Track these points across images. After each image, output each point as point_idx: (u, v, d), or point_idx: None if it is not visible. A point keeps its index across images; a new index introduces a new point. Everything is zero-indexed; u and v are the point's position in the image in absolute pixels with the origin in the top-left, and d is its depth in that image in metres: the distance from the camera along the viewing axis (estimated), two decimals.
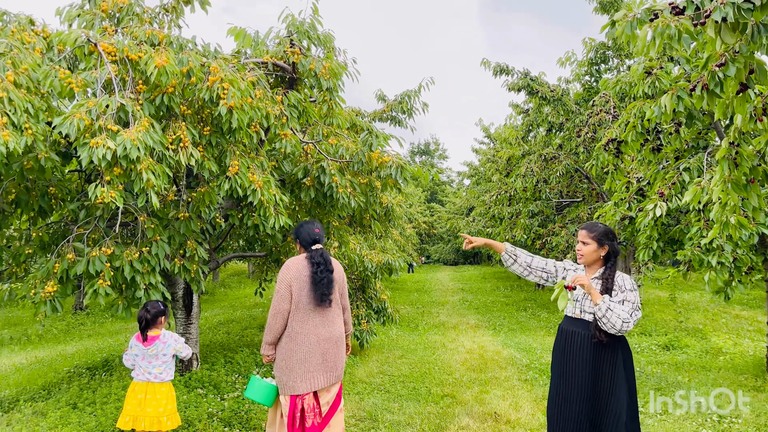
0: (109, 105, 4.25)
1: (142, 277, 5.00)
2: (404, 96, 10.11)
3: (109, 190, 4.17)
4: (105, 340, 11.51)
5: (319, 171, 6.09)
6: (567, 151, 11.82)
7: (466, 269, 33.95)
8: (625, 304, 3.41)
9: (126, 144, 4.06)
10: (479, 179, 24.11)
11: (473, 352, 8.97)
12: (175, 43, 5.23)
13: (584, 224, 3.75)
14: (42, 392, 6.46)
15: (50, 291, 4.80)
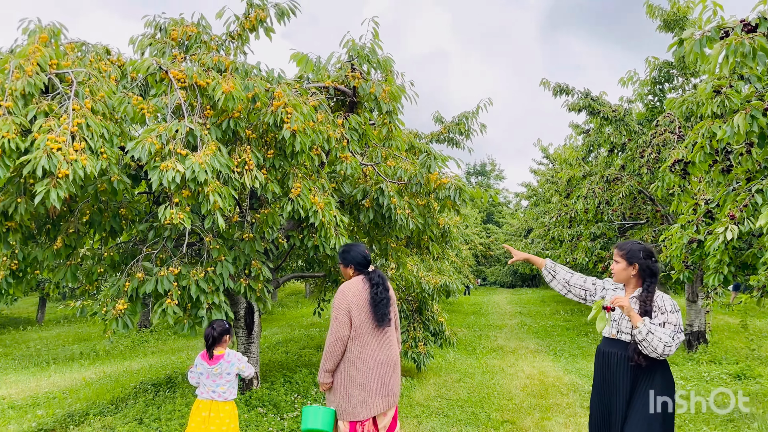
0: (179, 129, 4.41)
1: (207, 297, 5.13)
2: (462, 117, 10.12)
3: (178, 212, 4.31)
4: (168, 357, 11.81)
5: (377, 193, 6.14)
6: (630, 172, 11.51)
7: (524, 292, 33.37)
8: (667, 326, 3.28)
9: (194, 167, 4.20)
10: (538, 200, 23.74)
11: (533, 378, 8.78)
12: (240, 69, 5.40)
13: (618, 243, 3.64)
14: (110, 407, 6.67)
15: (121, 308, 4.97)
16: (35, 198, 3.93)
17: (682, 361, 10.09)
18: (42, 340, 17.10)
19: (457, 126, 10.14)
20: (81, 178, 4.06)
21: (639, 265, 3.47)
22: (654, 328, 3.22)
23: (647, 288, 3.43)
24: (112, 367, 10.84)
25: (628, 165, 11.67)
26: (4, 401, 7.67)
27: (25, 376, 10.50)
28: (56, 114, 4.25)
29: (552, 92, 11.70)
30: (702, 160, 5.87)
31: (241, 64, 5.49)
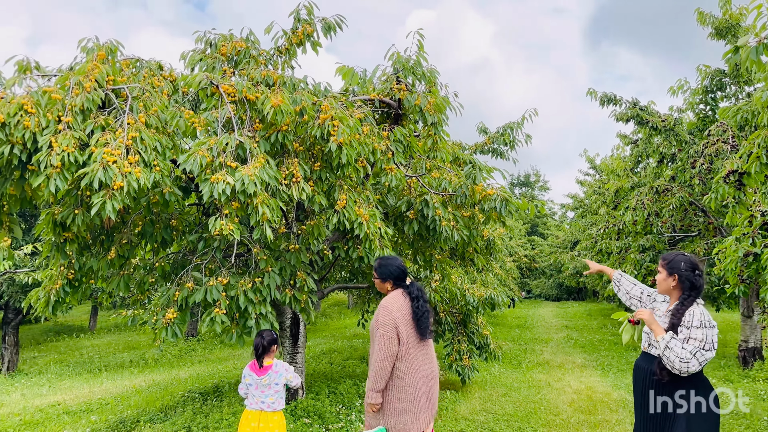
0: (229, 143, 4.51)
1: (254, 307, 5.20)
2: (506, 128, 10.06)
3: (227, 223, 4.40)
4: (215, 366, 12.00)
5: (422, 204, 6.14)
6: (680, 183, 11.24)
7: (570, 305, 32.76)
8: (689, 342, 3.15)
9: (244, 179, 4.28)
10: (584, 212, 23.37)
11: (581, 393, 8.60)
12: (288, 83, 5.49)
13: (664, 253, 3.56)
14: (160, 414, 6.81)
15: (170, 317, 5.08)
16: (92, 209, 4.06)
17: (738, 378, 9.74)
18: (94, 347, 17.60)
19: (502, 137, 10.09)
20: (135, 190, 4.18)
21: (679, 276, 3.37)
22: (673, 343, 3.14)
23: (682, 301, 3.32)
24: (160, 375, 11.07)
25: (678, 176, 11.39)
26: (59, 406, 7.91)
27: (78, 383, 10.83)
28: (112, 128, 4.40)
29: (599, 102, 11.54)
30: (758, 170, 5.70)
31: (289, 78, 5.58)
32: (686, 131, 11.47)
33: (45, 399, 8.76)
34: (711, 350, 3.13)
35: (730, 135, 9.72)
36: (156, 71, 5.56)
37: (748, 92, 11.40)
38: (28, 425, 6.82)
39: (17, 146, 4.06)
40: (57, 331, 21.49)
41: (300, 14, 6.10)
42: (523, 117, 9.55)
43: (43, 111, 4.19)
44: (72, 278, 5.82)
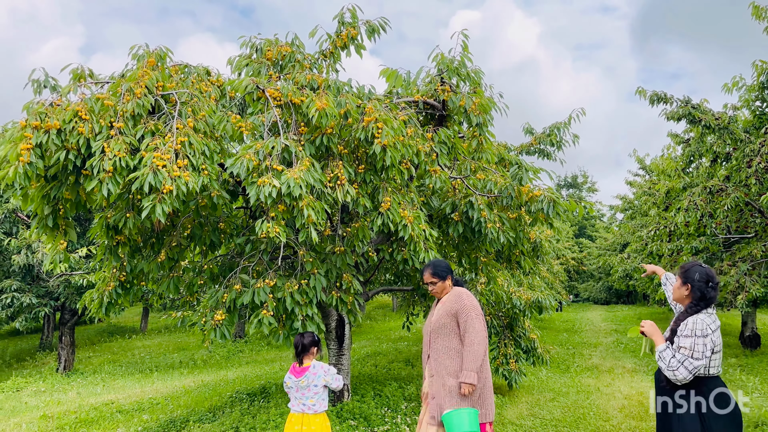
0: (275, 146, 4.55)
1: (301, 309, 5.24)
2: (553, 128, 9.88)
3: (274, 226, 4.44)
4: (262, 367, 12.15)
5: (467, 206, 6.08)
6: (735, 182, 10.84)
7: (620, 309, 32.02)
8: (680, 350, 3.27)
9: (290, 182, 4.32)
10: (634, 213, 22.79)
11: (632, 398, 8.38)
12: (333, 86, 5.52)
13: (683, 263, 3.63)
14: (208, 414, 6.93)
15: (219, 319, 5.16)
16: (142, 213, 4.16)
17: None
18: (145, 348, 18.06)
19: (549, 137, 9.91)
20: (183, 193, 4.26)
21: (692, 286, 3.43)
22: (665, 353, 3.30)
23: (686, 310, 3.40)
24: (209, 376, 11.27)
25: (733, 175, 11.00)
26: (113, 405, 8.13)
27: (131, 382, 11.12)
28: (161, 133, 4.50)
29: (649, 101, 11.24)
30: None
31: (333, 81, 5.61)
32: (741, 129, 11.07)
33: (99, 398, 9.02)
34: (701, 358, 3.19)
35: None
36: (204, 76, 5.66)
37: None
38: (84, 423, 7.03)
39: (72, 152, 4.19)
40: (110, 332, 22.14)
41: (344, 17, 6.13)
42: (570, 117, 9.37)
43: (96, 117, 4.31)
44: (124, 280, 5.98)
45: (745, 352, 13.73)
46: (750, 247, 11.17)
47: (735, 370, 11.11)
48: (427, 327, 4.18)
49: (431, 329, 4.09)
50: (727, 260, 11.49)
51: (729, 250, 12.28)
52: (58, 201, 4.64)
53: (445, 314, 4.02)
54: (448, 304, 4.06)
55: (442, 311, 4.06)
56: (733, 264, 11.10)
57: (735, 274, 10.67)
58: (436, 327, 4.04)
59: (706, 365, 3.25)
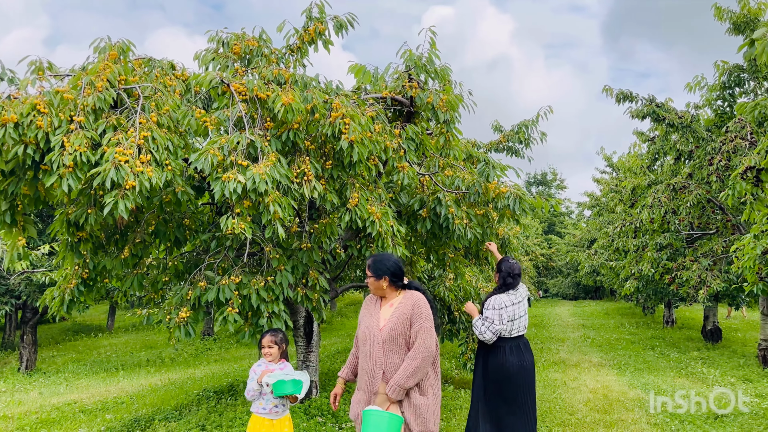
0: (240, 141, 4.50)
1: (267, 305, 5.20)
2: (521, 126, 9.95)
3: (239, 222, 4.39)
4: (230, 365, 12.05)
5: (435, 202, 6.10)
6: (698, 180, 11.08)
7: (587, 304, 32.52)
8: (486, 320, 4.64)
9: (255, 178, 4.28)
10: (601, 210, 23.15)
11: (597, 392, 8.51)
12: (300, 81, 5.48)
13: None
14: (174, 413, 6.84)
15: (183, 317, 5.09)
16: (104, 209, 4.08)
17: (757, 378, 9.60)
18: (111, 346, 17.76)
19: (517, 135, 9.98)
20: (147, 189, 4.19)
21: (499, 275, 4.86)
22: (475, 323, 4.71)
23: (493, 291, 4.85)
24: (176, 374, 11.13)
25: (696, 173, 11.24)
26: (76, 405, 7.98)
27: (95, 381, 10.92)
28: (124, 128, 4.41)
29: (615, 99, 11.42)
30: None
31: (300, 76, 5.57)
32: (704, 128, 11.31)
33: (62, 397, 8.85)
34: (499, 324, 4.61)
35: (749, 131, 9.57)
36: (168, 71, 5.57)
37: (767, 87, 11.22)
38: (45, 423, 6.89)
39: (30, 146, 4.07)
40: (75, 330, 21.72)
41: (312, 12, 6.09)
42: (537, 114, 9.45)
43: (56, 111, 4.20)
44: (86, 277, 5.85)
45: (707, 346, 14.05)
46: (711, 243, 11.43)
47: (697, 363, 11.36)
48: (375, 335, 3.59)
49: (384, 339, 3.54)
50: (690, 256, 11.73)
51: (691, 246, 12.54)
52: (16, 197, 4.52)
53: (400, 322, 3.54)
54: (402, 309, 3.58)
55: (396, 318, 3.56)
56: (695, 259, 11.35)
57: (697, 269, 10.90)
58: (391, 337, 3.52)
59: (506, 329, 4.63)
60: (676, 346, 14.18)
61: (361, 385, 3.65)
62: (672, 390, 8.73)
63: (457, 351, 10.20)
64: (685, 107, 12.13)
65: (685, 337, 15.87)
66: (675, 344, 14.58)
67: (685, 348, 13.88)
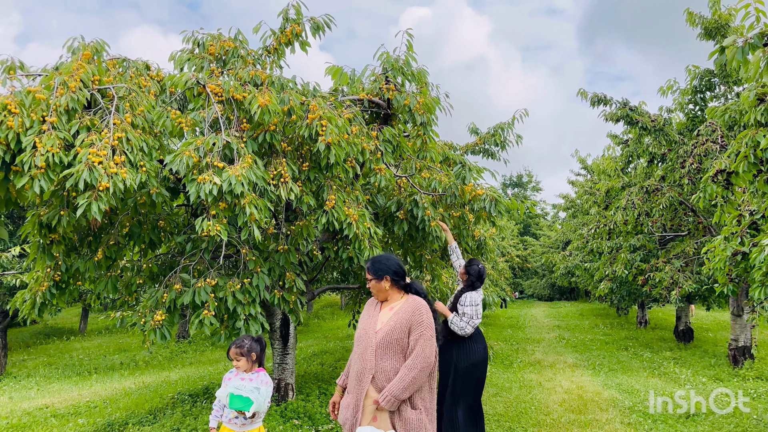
0: (216, 143, 4.47)
1: (243, 308, 5.17)
2: (497, 128, 10.03)
3: (215, 224, 4.36)
4: (206, 367, 11.93)
5: (412, 204, 6.12)
6: (670, 183, 11.27)
7: (562, 305, 32.88)
8: (465, 316, 5.07)
9: (231, 180, 4.25)
10: (576, 212, 23.41)
11: (572, 392, 8.60)
12: (276, 83, 5.46)
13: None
14: (149, 416, 6.76)
15: (159, 320, 5.04)
16: (77, 210, 4.02)
17: (728, 377, 9.78)
18: (84, 350, 17.48)
19: (493, 137, 10.05)
20: (121, 190, 4.14)
21: (469, 275, 5.23)
22: (455, 320, 5.08)
23: (463, 289, 5.22)
24: (151, 377, 11.00)
25: (668, 176, 11.43)
26: (47, 410, 7.84)
27: (67, 385, 10.73)
28: (98, 128, 4.36)
29: (590, 103, 11.56)
30: (746, 170, 5.71)
31: (277, 77, 5.55)
32: (676, 131, 11.51)
33: (33, 402, 8.68)
34: (477, 318, 5.09)
35: (719, 135, 9.76)
36: (143, 71, 5.52)
37: (737, 92, 11.45)
38: (15, 429, 6.75)
39: (0, 147, 4.00)
40: (47, 333, 21.34)
41: (288, 14, 6.07)
42: (513, 117, 9.52)
43: (27, 111, 4.13)
44: (58, 280, 5.76)
45: (679, 346, 14.28)
46: (683, 245, 11.64)
47: (669, 363, 11.53)
48: (370, 337, 3.43)
49: (378, 342, 3.38)
50: (662, 257, 11.92)
51: (664, 248, 12.76)
52: None
53: (399, 327, 3.36)
54: (402, 315, 3.41)
55: (394, 322, 3.39)
56: (668, 261, 11.54)
57: (669, 270, 11.08)
58: (386, 341, 3.36)
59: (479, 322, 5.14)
60: (649, 347, 14.38)
61: (350, 388, 3.48)
62: (644, 389, 8.86)
63: None
64: (658, 111, 12.33)
65: (658, 338, 16.11)
66: (648, 344, 14.79)
67: (657, 348, 14.09)
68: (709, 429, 6.41)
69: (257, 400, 3.67)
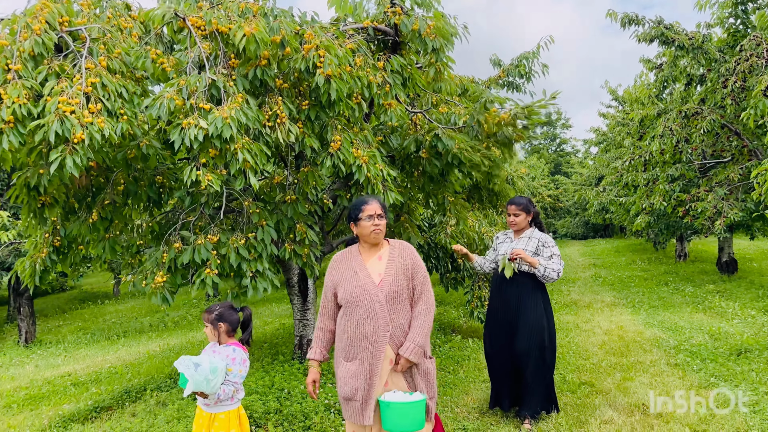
0: (199, 82, 3.98)
1: (249, 265, 4.76)
2: (521, 58, 9.31)
3: (206, 173, 3.91)
4: None
5: (434, 139, 5.52)
6: (711, 105, 10.42)
7: (597, 243, 32.09)
8: (555, 257, 4.59)
9: (218, 122, 3.78)
10: (608, 145, 22.41)
11: (611, 333, 8.14)
12: (270, 14, 4.89)
13: (511, 199, 4.82)
14: (168, 381, 6.50)
15: (160, 281, 4.68)
16: (51, 167, 3.62)
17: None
18: (117, 313, 17.56)
19: (517, 68, 9.34)
20: (99, 142, 3.71)
21: (534, 214, 4.76)
22: (551, 265, 4.54)
23: (532, 230, 4.76)
24: (177, 339, 10.84)
25: (708, 98, 10.58)
26: (69, 378, 7.66)
27: (94, 351, 10.64)
28: (68, 74, 3.90)
29: (620, 24, 10.67)
30: None
31: (270, 9, 4.98)
32: (715, 49, 10.60)
33: (57, 370, 8.55)
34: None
35: (765, 48, 8.90)
36: (123, 11, 5.00)
37: None
38: (33, 400, 6.56)
39: None
40: (82, 299, 21.54)
41: None
42: (538, 46, 8.80)
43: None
44: (58, 245, 5.43)
45: (723, 278, 13.65)
46: (727, 171, 10.83)
47: (714, 297, 10.97)
48: (372, 292, 3.08)
49: (387, 294, 3.08)
50: (704, 186, 11.17)
51: (705, 176, 11.95)
52: None
53: (401, 274, 3.14)
54: (398, 261, 3.18)
55: (395, 271, 3.14)
56: (710, 189, 10.79)
57: (712, 199, 10.35)
58: (394, 292, 3.10)
59: None
60: (691, 280, 13.79)
61: (354, 354, 3.11)
62: (689, 326, 8.35)
63: (463, 299, 9.82)
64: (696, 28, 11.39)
65: (699, 271, 15.47)
66: (689, 278, 14.19)
67: (700, 281, 13.49)
68: (764, 366, 5.91)
69: (192, 377, 3.03)
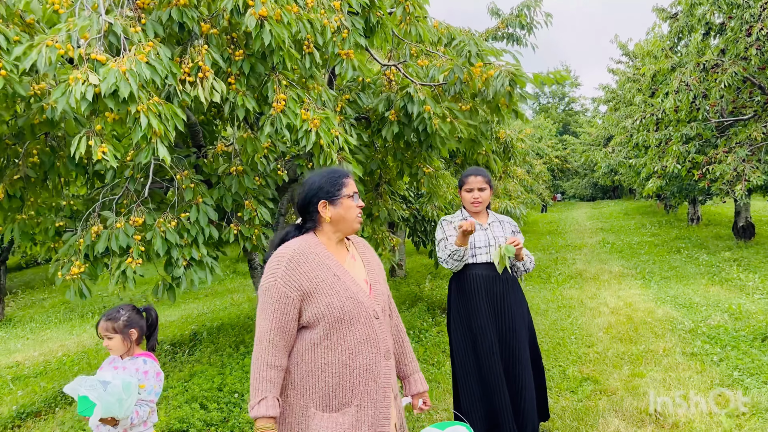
0: (92, 26, 3.11)
1: (181, 251, 3.95)
2: (522, 7, 8.30)
3: (97, 143, 3.07)
4: (213, 302, 11.04)
5: (405, 99, 4.66)
6: (732, 56, 9.41)
7: (606, 205, 31.15)
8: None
9: (112, 77, 2.91)
10: (618, 103, 21.29)
11: (619, 313, 7.32)
12: None
13: (473, 169, 3.59)
14: None
15: (75, 272, 3.89)
16: None
17: None
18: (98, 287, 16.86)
19: (517, 18, 8.35)
20: None
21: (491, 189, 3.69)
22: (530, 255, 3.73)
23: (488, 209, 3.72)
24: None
25: (729, 48, 9.54)
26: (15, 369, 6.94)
27: (60, 332, 9.93)
28: None
29: None
30: None
31: None
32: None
33: (9, 357, 7.83)
34: None
35: None
36: None
37: None
38: None
39: None
40: None
41: None
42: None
43: None
44: None
45: (739, 244, 12.76)
46: (748, 130, 9.85)
47: (731, 267, 10.09)
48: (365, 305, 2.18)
49: (383, 306, 2.29)
50: (722, 146, 10.21)
51: (724, 135, 10.97)
52: None
53: (381, 276, 2.38)
54: (371, 258, 2.40)
55: (376, 272, 2.35)
56: (730, 150, 9.84)
57: (732, 161, 9.41)
58: (386, 302, 2.36)
59: None
60: (705, 247, 12.91)
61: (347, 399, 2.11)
62: (706, 303, 7.53)
63: None
64: None
65: (714, 235, 14.58)
66: (703, 244, 13.31)
67: (714, 248, 12.61)
68: None
69: (101, 399, 2.34)
